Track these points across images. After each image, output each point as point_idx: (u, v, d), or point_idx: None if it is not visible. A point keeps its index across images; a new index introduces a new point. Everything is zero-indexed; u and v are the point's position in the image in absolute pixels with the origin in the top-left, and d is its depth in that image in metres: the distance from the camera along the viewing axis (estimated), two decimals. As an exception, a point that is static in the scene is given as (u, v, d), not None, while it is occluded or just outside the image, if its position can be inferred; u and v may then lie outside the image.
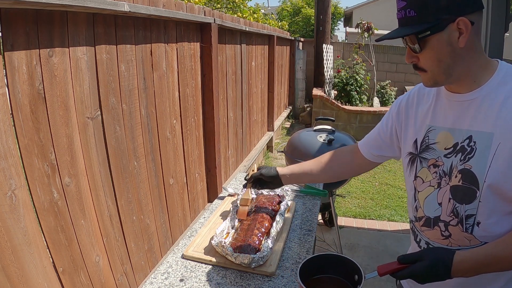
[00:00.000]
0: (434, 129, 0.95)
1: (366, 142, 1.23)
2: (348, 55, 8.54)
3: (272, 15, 8.41)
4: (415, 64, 0.88)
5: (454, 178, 0.88)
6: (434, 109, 0.96)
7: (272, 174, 1.32)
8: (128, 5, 1.48)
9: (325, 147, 2.55)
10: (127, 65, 1.65)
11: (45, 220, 1.20)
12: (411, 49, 0.86)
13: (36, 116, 1.16)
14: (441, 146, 0.92)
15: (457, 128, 0.89)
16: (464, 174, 0.86)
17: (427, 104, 0.99)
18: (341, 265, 1.01)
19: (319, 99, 6.44)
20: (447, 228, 0.91)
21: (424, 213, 0.97)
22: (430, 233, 0.97)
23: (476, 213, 0.85)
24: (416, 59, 0.86)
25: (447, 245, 0.93)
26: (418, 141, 0.99)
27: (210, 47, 2.52)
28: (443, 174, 0.91)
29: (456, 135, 0.89)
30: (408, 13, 0.81)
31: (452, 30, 0.78)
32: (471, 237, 0.87)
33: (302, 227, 1.48)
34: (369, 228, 3.27)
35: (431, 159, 0.94)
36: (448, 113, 0.92)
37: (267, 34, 5.03)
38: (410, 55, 0.87)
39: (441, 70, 0.84)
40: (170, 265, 1.23)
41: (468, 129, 0.86)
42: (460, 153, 0.87)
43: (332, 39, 11.08)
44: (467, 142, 0.86)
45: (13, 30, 1.06)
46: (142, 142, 1.81)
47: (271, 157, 5.31)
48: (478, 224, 0.85)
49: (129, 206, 1.71)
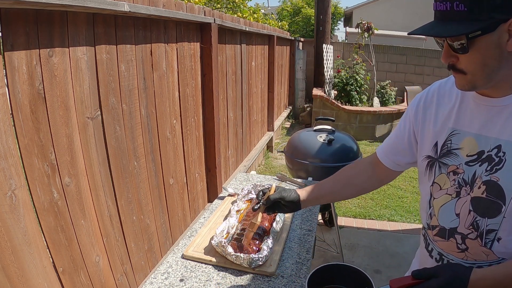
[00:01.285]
0: (458, 133, 0.87)
1: (384, 150, 1.11)
2: (348, 55, 8.54)
3: (272, 15, 8.41)
4: (453, 64, 0.78)
5: (476, 189, 0.82)
6: (459, 111, 0.88)
7: (293, 199, 1.13)
8: (128, 5, 1.48)
9: (325, 147, 2.55)
10: (127, 65, 1.65)
11: (45, 220, 1.20)
12: (452, 48, 0.76)
13: (36, 116, 1.16)
14: (464, 153, 0.85)
15: (483, 135, 0.82)
16: (489, 186, 0.79)
17: (449, 104, 0.91)
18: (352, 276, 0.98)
19: (319, 99, 6.44)
20: (464, 241, 0.86)
21: (438, 223, 0.92)
22: (444, 244, 0.91)
23: (498, 229, 0.80)
24: (455, 59, 0.77)
25: (462, 258, 0.88)
26: (439, 144, 0.91)
27: (210, 47, 2.52)
28: (464, 183, 0.85)
29: (482, 142, 0.82)
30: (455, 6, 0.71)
31: (503, 31, 0.71)
32: (489, 252, 0.83)
33: (302, 227, 1.48)
34: (369, 228, 3.27)
35: (452, 165, 0.88)
36: (475, 117, 0.84)
37: (267, 34, 5.03)
38: (449, 54, 0.77)
39: (484, 74, 0.75)
40: (170, 265, 1.23)
41: (497, 138, 0.79)
42: (486, 162, 0.80)
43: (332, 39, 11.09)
44: (495, 151, 0.79)
45: (13, 30, 1.06)
46: (142, 142, 1.81)
47: (271, 157, 5.31)
48: (499, 240, 0.80)
49: (129, 206, 1.71)
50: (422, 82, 8.61)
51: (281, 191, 1.15)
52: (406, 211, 3.61)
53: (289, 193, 1.14)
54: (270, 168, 4.85)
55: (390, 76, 8.84)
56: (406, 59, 8.87)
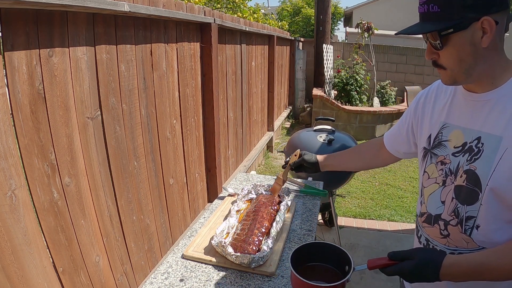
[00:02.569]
0: (448, 126, 0.94)
1: (389, 137, 1.25)
2: (348, 55, 8.54)
3: (272, 15, 8.41)
4: (435, 60, 0.86)
5: (459, 178, 0.87)
6: (450, 106, 0.95)
7: (312, 161, 1.47)
8: (128, 5, 1.48)
9: (325, 147, 2.55)
10: (127, 65, 1.65)
11: (45, 220, 1.20)
12: (432, 45, 0.83)
13: (36, 116, 1.16)
14: (452, 144, 0.92)
15: (468, 128, 0.88)
16: (468, 174, 0.85)
17: (444, 100, 0.98)
18: (333, 255, 1.02)
19: (319, 99, 6.44)
20: (446, 227, 0.91)
21: (426, 209, 0.97)
22: (430, 230, 0.97)
23: (476, 216, 0.84)
24: (437, 55, 0.85)
25: (445, 244, 0.92)
26: (432, 137, 0.99)
27: (210, 47, 2.52)
28: (449, 172, 0.91)
29: (467, 134, 0.88)
30: (431, 8, 0.79)
31: (476, 29, 0.76)
32: (469, 240, 0.86)
33: (302, 227, 1.48)
34: (369, 228, 3.27)
35: (440, 156, 0.94)
36: (462, 112, 0.91)
37: (267, 34, 5.03)
38: (431, 51, 0.85)
39: (461, 69, 0.82)
40: (170, 265, 1.23)
41: (479, 130, 0.85)
42: (468, 153, 0.86)
43: (332, 39, 11.08)
44: (475, 143, 0.85)
45: (13, 30, 1.06)
46: (142, 142, 1.81)
47: (271, 157, 5.31)
48: (478, 227, 0.84)
49: (129, 206, 1.71)
50: (422, 82, 8.61)
51: (303, 155, 1.50)
52: (406, 211, 3.61)
53: (309, 157, 1.48)
54: (270, 168, 4.85)
55: (390, 76, 8.84)
56: (406, 59, 8.87)
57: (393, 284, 2.45)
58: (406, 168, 4.87)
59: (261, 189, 1.66)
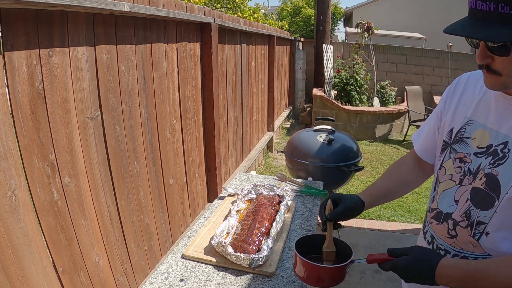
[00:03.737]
0: (473, 123, 0.89)
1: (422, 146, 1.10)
2: (348, 55, 8.54)
3: (272, 15, 8.41)
4: (488, 65, 0.77)
5: (478, 180, 0.84)
6: (479, 102, 0.90)
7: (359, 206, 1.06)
8: (128, 5, 1.48)
9: (325, 147, 2.55)
10: (127, 65, 1.65)
11: (45, 220, 1.20)
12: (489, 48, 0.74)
13: (36, 116, 1.16)
14: (475, 144, 0.87)
15: (495, 129, 0.84)
16: (489, 178, 0.82)
17: (472, 95, 0.92)
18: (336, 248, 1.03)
19: (319, 99, 6.44)
20: (455, 228, 0.88)
21: (437, 206, 0.94)
22: (437, 227, 0.94)
23: (488, 222, 0.81)
24: (491, 60, 0.76)
25: (450, 244, 0.90)
26: (454, 131, 0.94)
27: (210, 47, 2.52)
28: (468, 172, 0.87)
29: (493, 136, 0.84)
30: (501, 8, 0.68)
31: None
32: (477, 244, 0.84)
33: (302, 227, 1.48)
34: (369, 228, 3.27)
35: (460, 153, 0.90)
36: (491, 111, 0.86)
37: (267, 34, 5.03)
38: (485, 55, 0.76)
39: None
40: (170, 265, 1.23)
41: (506, 134, 0.81)
42: (492, 156, 0.82)
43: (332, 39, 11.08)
44: (502, 147, 0.81)
45: (13, 30, 1.06)
46: (142, 142, 1.81)
47: (271, 157, 5.31)
48: (487, 234, 0.82)
49: (129, 206, 1.71)
50: (422, 82, 8.61)
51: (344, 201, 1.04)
52: (406, 211, 3.61)
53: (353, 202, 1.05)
54: (270, 168, 4.85)
55: (390, 76, 8.84)
56: (406, 59, 8.87)
57: (393, 284, 2.44)
58: (406, 168, 4.87)
59: (261, 189, 1.66)
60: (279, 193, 1.60)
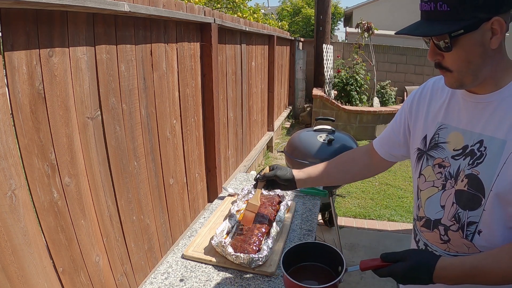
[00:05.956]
0: (445, 127, 0.90)
1: (381, 142, 1.16)
2: (348, 55, 8.54)
3: (272, 15, 8.41)
4: (439, 62, 0.80)
5: (460, 182, 0.84)
6: (448, 106, 0.91)
7: (287, 177, 1.20)
8: (128, 5, 1.48)
9: (325, 147, 2.55)
10: (127, 65, 1.65)
11: (45, 220, 1.20)
12: (436, 46, 0.78)
13: (36, 116, 1.16)
14: (451, 147, 0.88)
15: (469, 130, 0.84)
16: (470, 179, 0.82)
17: (440, 100, 0.94)
18: (327, 255, 1.03)
19: (319, 99, 6.44)
20: (447, 233, 0.88)
21: (424, 214, 0.94)
22: (429, 235, 0.94)
23: (478, 221, 0.82)
24: (441, 57, 0.79)
25: (445, 250, 0.90)
26: (428, 138, 0.95)
27: (210, 47, 2.52)
28: (449, 176, 0.87)
29: (467, 137, 0.84)
30: (439, 6, 0.73)
31: (486, 29, 0.73)
32: (471, 245, 0.84)
33: (302, 227, 1.48)
34: (369, 228, 3.27)
35: (438, 158, 0.90)
36: (462, 113, 0.87)
37: (267, 34, 5.03)
38: (435, 52, 0.80)
39: (469, 71, 0.77)
40: (170, 265, 1.23)
41: (480, 133, 0.82)
42: (469, 157, 0.83)
43: (332, 39, 11.08)
44: (478, 146, 0.82)
45: (13, 30, 1.06)
46: (142, 142, 1.81)
47: (271, 157, 5.31)
48: (479, 232, 0.82)
49: (129, 206, 1.71)
50: (422, 82, 8.45)
51: (277, 169, 1.22)
52: (406, 211, 3.61)
53: (283, 172, 1.21)
54: (270, 168, 4.84)
55: (390, 76, 8.85)
56: (406, 59, 8.87)
57: (393, 285, 2.44)
58: (406, 168, 4.87)
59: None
60: (279, 193, 1.60)
